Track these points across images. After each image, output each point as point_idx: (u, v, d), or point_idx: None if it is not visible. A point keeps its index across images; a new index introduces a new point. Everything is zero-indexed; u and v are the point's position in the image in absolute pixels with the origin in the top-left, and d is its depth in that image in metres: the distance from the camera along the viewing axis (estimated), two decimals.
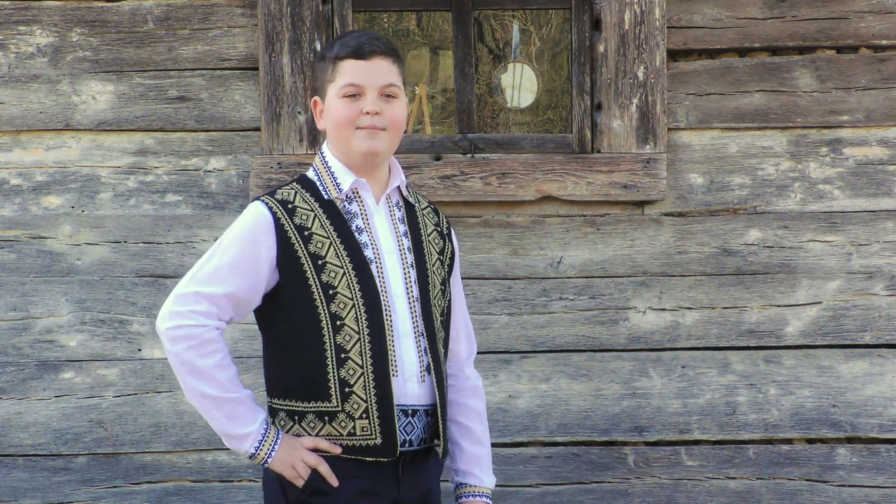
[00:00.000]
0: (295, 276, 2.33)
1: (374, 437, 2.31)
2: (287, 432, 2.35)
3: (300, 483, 2.32)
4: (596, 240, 3.52)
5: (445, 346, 2.45)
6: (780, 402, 3.54)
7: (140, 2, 3.51)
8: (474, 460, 2.51)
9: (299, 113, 3.47)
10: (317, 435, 2.33)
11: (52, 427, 3.54)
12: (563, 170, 3.47)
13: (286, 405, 2.37)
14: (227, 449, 3.56)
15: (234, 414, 2.33)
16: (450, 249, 2.50)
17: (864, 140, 3.53)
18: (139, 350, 3.54)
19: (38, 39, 3.52)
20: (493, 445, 2.62)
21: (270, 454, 2.32)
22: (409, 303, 2.37)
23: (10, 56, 3.52)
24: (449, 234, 2.52)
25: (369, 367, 2.31)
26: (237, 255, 2.33)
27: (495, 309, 3.52)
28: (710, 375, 3.54)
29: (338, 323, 2.31)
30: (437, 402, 2.37)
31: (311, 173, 2.42)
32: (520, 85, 7.11)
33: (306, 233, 2.34)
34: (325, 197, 2.37)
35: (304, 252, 2.33)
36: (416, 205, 2.47)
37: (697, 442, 3.55)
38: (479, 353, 2.71)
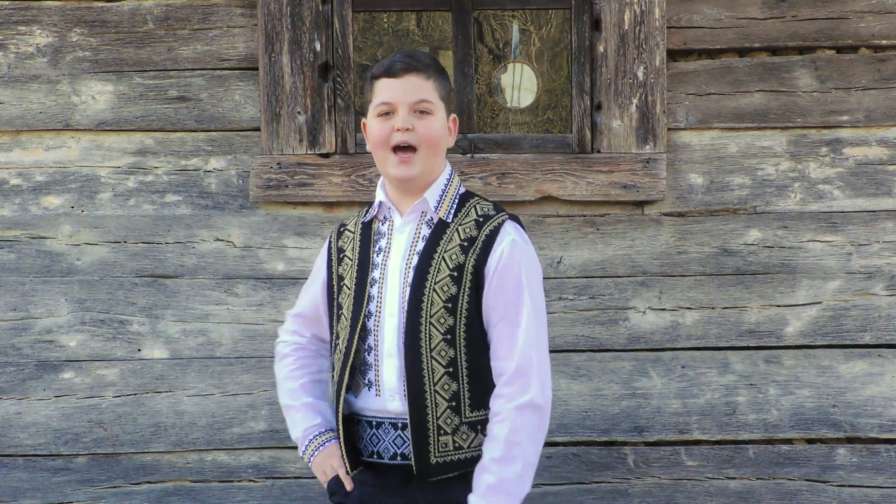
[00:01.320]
0: (330, 295, 2.54)
1: (342, 452, 2.48)
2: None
3: (325, 484, 2.54)
4: (596, 240, 3.52)
5: (459, 364, 2.37)
6: (780, 402, 3.54)
7: (140, 2, 3.51)
8: (476, 485, 2.41)
9: (299, 113, 3.47)
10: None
11: (52, 427, 3.54)
12: (563, 170, 3.47)
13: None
14: (227, 449, 3.58)
15: (293, 419, 2.59)
16: (472, 265, 2.38)
17: (863, 140, 3.53)
18: (139, 350, 3.54)
19: (37, 39, 3.52)
20: None
21: (311, 458, 2.55)
22: (402, 321, 2.39)
23: (9, 56, 3.52)
24: (484, 251, 2.39)
25: (335, 383, 2.48)
26: (311, 275, 2.64)
27: None
28: (710, 375, 3.54)
29: (337, 341, 2.49)
30: (410, 422, 2.36)
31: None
32: (519, 85, 7.11)
33: (341, 255, 2.52)
34: (365, 219, 2.51)
35: (336, 272, 2.52)
36: (452, 220, 2.43)
37: (697, 442, 3.55)
38: None
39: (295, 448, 3.45)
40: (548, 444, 3.53)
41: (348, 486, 2.45)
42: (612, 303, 3.53)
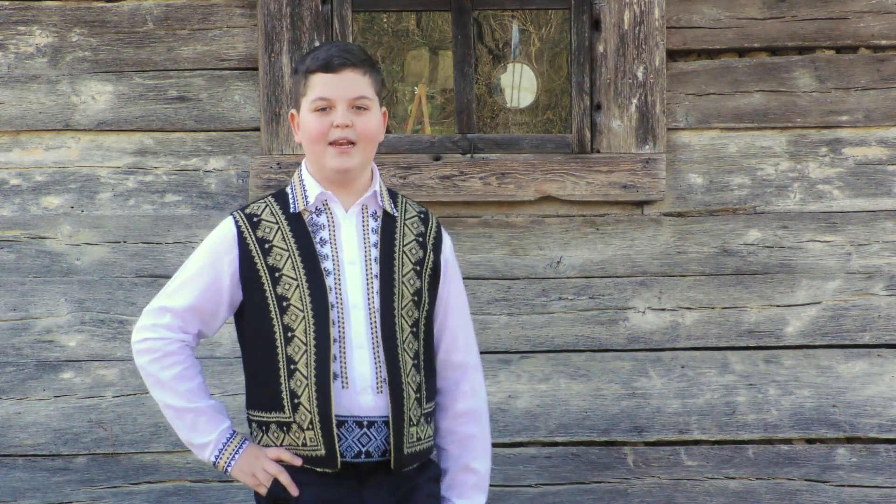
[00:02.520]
0: (255, 288, 2.39)
1: (318, 447, 2.35)
2: (258, 442, 2.42)
3: (262, 491, 2.38)
4: (595, 240, 3.52)
5: (421, 357, 2.42)
6: (780, 402, 3.54)
7: (140, 2, 3.51)
8: (454, 485, 2.48)
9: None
10: (280, 445, 2.38)
11: (52, 427, 3.54)
12: (563, 170, 3.47)
13: (255, 416, 2.43)
14: None
15: (195, 424, 2.39)
16: (431, 260, 2.45)
17: (863, 140, 3.53)
18: None
19: (37, 40, 3.52)
20: (493, 445, 2.61)
21: (230, 463, 2.39)
22: (369, 314, 2.37)
23: (9, 56, 3.52)
24: (437, 245, 2.47)
25: (313, 378, 2.34)
26: (201, 268, 2.42)
27: (495, 309, 3.52)
28: (710, 375, 3.54)
29: (289, 335, 2.36)
30: (391, 416, 2.35)
31: (288, 187, 2.46)
32: (519, 85, 7.11)
33: (266, 245, 2.39)
34: (293, 210, 2.41)
35: (263, 264, 2.38)
36: (398, 214, 2.45)
37: (697, 442, 3.55)
38: (479, 353, 2.70)
39: None
40: (548, 444, 3.54)
41: (293, 491, 2.36)
42: (611, 303, 3.53)
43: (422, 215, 2.50)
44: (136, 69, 3.52)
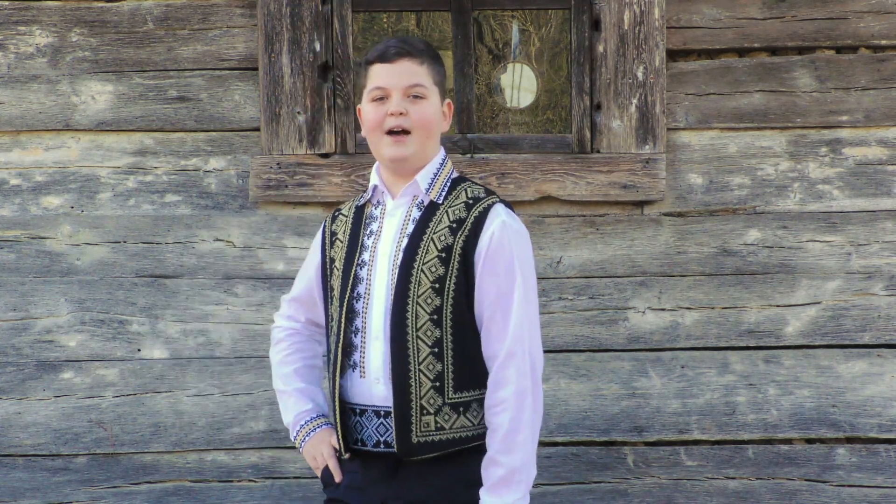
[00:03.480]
0: (324, 277, 2.54)
1: (337, 435, 2.46)
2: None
3: (318, 472, 2.54)
4: (595, 240, 3.52)
5: (445, 344, 2.38)
6: (780, 402, 3.54)
7: (140, 2, 3.51)
8: (484, 477, 2.41)
9: (298, 113, 3.47)
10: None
11: (52, 427, 3.54)
12: (563, 170, 3.47)
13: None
14: (227, 449, 3.57)
15: (285, 404, 2.61)
16: (460, 247, 2.37)
17: (863, 140, 3.53)
18: (139, 350, 3.54)
19: (37, 40, 3.52)
20: None
21: (302, 444, 2.56)
22: (387, 304, 2.39)
23: (9, 56, 3.52)
24: (474, 232, 2.39)
25: (331, 367, 2.46)
26: (305, 262, 2.64)
27: None
28: (710, 375, 3.54)
29: (331, 324, 2.49)
30: (393, 403, 2.36)
31: None
32: (519, 85, 7.11)
33: (334, 238, 2.53)
34: (359, 203, 2.52)
35: (328, 255, 2.53)
36: (443, 202, 2.43)
37: (697, 442, 3.55)
38: None
39: (294, 448, 3.45)
40: (547, 444, 3.53)
41: (337, 477, 2.46)
42: (611, 303, 3.53)
43: (471, 201, 2.43)
44: (136, 69, 3.52)
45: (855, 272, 3.53)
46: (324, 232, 2.57)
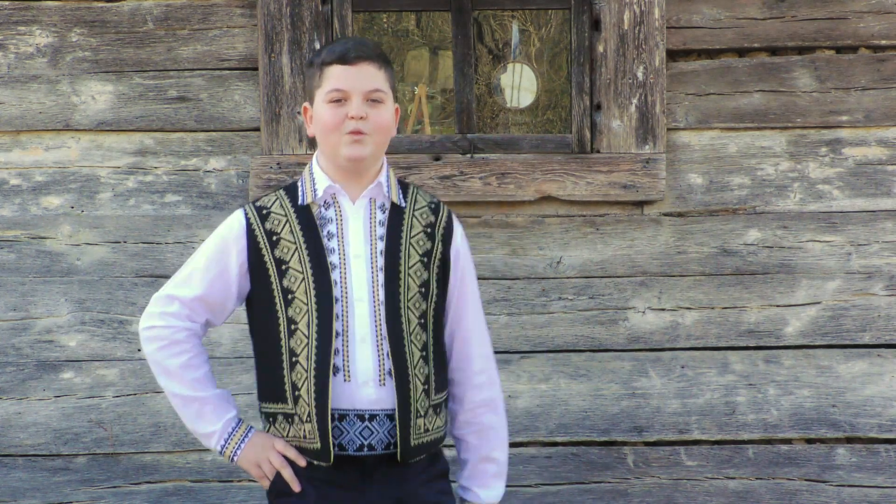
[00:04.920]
0: (262, 280, 2.41)
1: (315, 441, 2.36)
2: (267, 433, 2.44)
3: (265, 483, 2.41)
4: (595, 240, 3.53)
5: (430, 348, 2.42)
6: (780, 402, 3.54)
7: (140, 2, 3.51)
8: (474, 475, 2.51)
9: (298, 113, 3.47)
10: (285, 436, 2.39)
11: (52, 427, 3.54)
12: (563, 170, 3.47)
13: (264, 407, 2.45)
14: None
15: (201, 412, 2.42)
16: (440, 251, 2.44)
17: (863, 140, 3.53)
18: (139, 350, 3.54)
19: (37, 39, 3.52)
20: None
21: (236, 452, 2.41)
22: (374, 307, 2.37)
23: (9, 56, 3.52)
24: (447, 236, 2.47)
25: (312, 371, 2.35)
26: (210, 259, 2.43)
27: (495, 309, 3.52)
28: (710, 375, 3.54)
29: (292, 327, 2.38)
30: (397, 406, 2.35)
31: (299, 180, 2.47)
32: (519, 85, 7.12)
33: (274, 238, 2.40)
34: (301, 202, 2.42)
35: (270, 257, 2.40)
36: (406, 206, 2.45)
37: (697, 442, 3.55)
38: None
39: None
40: (547, 444, 3.54)
41: (295, 487, 2.37)
42: (611, 303, 3.53)
43: (432, 206, 2.48)
44: (136, 69, 3.52)
45: (855, 272, 3.53)
46: (251, 232, 2.41)
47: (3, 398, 3.54)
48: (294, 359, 2.36)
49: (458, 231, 2.50)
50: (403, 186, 2.49)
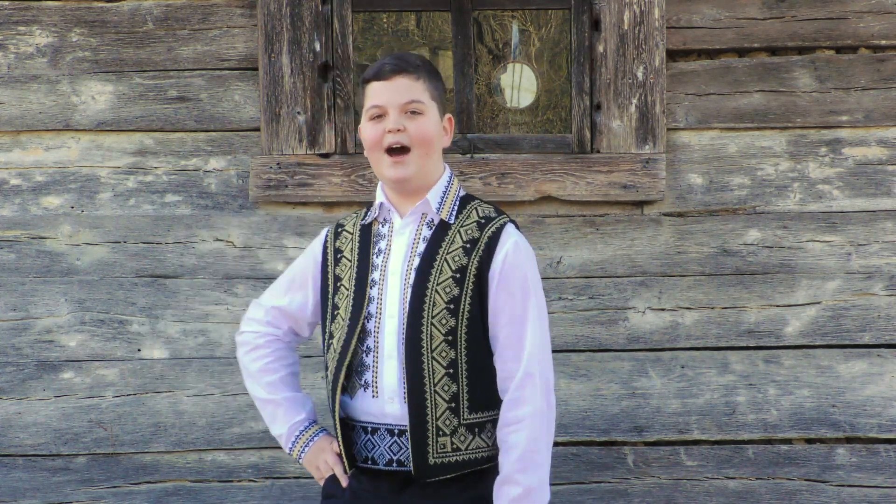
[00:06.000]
0: (324, 295, 2.51)
1: (340, 450, 2.46)
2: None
3: (320, 481, 2.51)
4: (595, 240, 3.53)
5: (460, 365, 2.36)
6: (780, 402, 3.54)
7: (140, 2, 3.51)
8: (497, 496, 2.38)
9: (298, 113, 3.47)
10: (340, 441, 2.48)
11: (52, 427, 3.54)
12: (563, 170, 3.47)
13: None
14: (227, 449, 3.58)
15: (275, 415, 2.55)
16: (475, 267, 2.37)
17: (863, 140, 3.53)
18: (139, 350, 3.54)
19: (37, 40, 3.52)
20: None
21: (301, 454, 2.53)
22: (402, 323, 2.38)
23: (9, 56, 3.52)
24: (488, 252, 2.38)
25: (331, 384, 2.44)
26: (294, 271, 2.59)
27: None
28: (710, 375, 3.54)
29: (330, 341, 2.46)
30: (409, 423, 2.35)
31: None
32: (519, 85, 7.11)
33: (339, 255, 2.49)
34: (364, 220, 2.49)
35: (333, 273, 2.49)
36: (453, 221, 2.42)
37: (697, 442, 3.55)
38: None
39: None
40: None
41: (344, 482, 2.44)
42: (611, 303, 3.53)
43: (482, 221, 2.42)
44: (136, 69, 3.52)
45: (855, 272, 3.53)
46: (325, 248, 2.52)
47: (3, 398, 3.54)
48: (327, 371, 2.47)
49: (505, 247, 2.39)
50: (463, 201, 2.46)
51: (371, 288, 2.40)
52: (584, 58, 3.51)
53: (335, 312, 2.45)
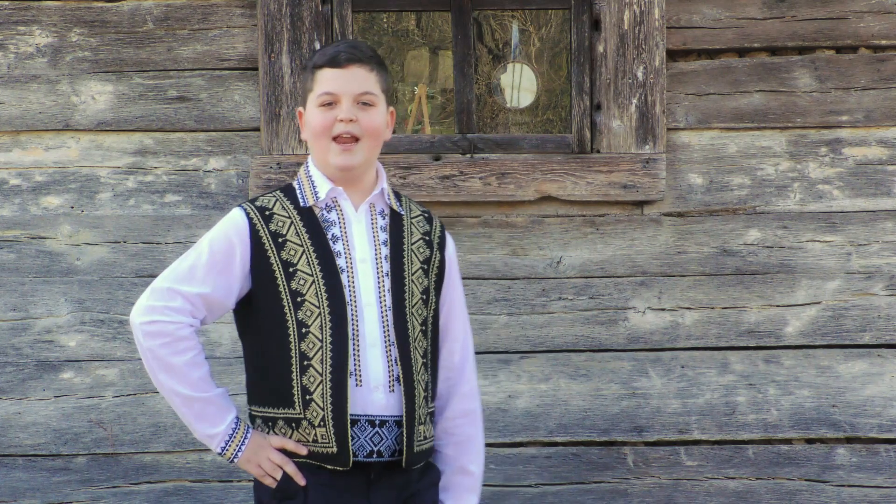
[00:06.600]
0: (266, 282, 2.37)
1: (330, 445, 2.33)
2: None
3: (268, 482, 2.36)
4: (595, 240, 3.52)
5: (428, 355, 2.43)
6: (780, 402, 3.54)
7: (140, 2, 3.51)
8: (448, 487, 2.49)
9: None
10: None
11: (52, 427, 3.54)
12: (563, 170, 3.47)
13: (261, 412, 2.42)
14: None
15: (204, 413, 2.37)
16: (437, 259, 2.46)
17: (863, 140, 3.53)
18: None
19: (37, 40, 3.52)
20: (493, 445, 2.63)
21: (237, 453, 2.37)
22: (381, 312, 2.37)
23: (9, 56, 3.52)
24: (441, 244, 2.49)
25: (328, 375, 2.32)
26: (213, 256, 2.36)
27: (495, 309, 3.52)
28: (710, 375, 3.54)
29: (303, 330, 2.34)
30: (405, 413, 2.35)
31: (295, 182, 2.45)
32: (519, 85, 7.12)
33: (280, 239, 2.37)
34: (304, 204, 2.40)
35: (277, 258, 2.36)
36: (404, 213, 2.46)
37: (697, 442, 3.55)
38: (478, 353, 2.71)
39: None
40: (547, 444, 3.53)
41: (300, 480, 2.34)
42: (611, 303, 3.53)
43: (426, 215, 2.51)
44: (136, 69, 3.52)
45: (855, 272, 3.53)
46: (254, 232, 2.36)
47: (3, 398, 3.54)
48: (306, 362, 2.33)
49: (451, 240, 2.54)
50: (396, 194, 2.50)
51: (340, 274, 2.36)
52: (584, 58, 3.51)
53: (299, 300, 2.34)
